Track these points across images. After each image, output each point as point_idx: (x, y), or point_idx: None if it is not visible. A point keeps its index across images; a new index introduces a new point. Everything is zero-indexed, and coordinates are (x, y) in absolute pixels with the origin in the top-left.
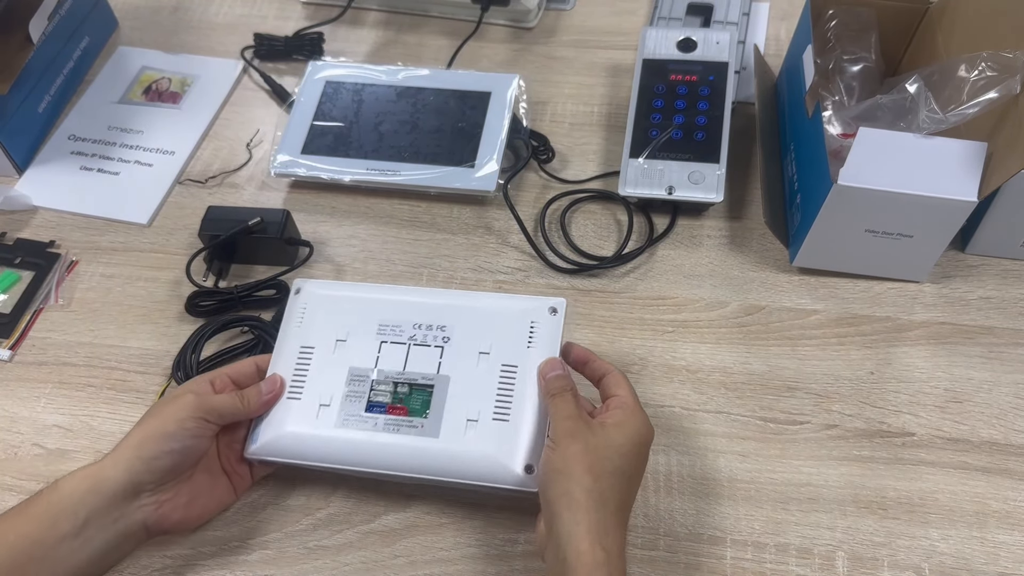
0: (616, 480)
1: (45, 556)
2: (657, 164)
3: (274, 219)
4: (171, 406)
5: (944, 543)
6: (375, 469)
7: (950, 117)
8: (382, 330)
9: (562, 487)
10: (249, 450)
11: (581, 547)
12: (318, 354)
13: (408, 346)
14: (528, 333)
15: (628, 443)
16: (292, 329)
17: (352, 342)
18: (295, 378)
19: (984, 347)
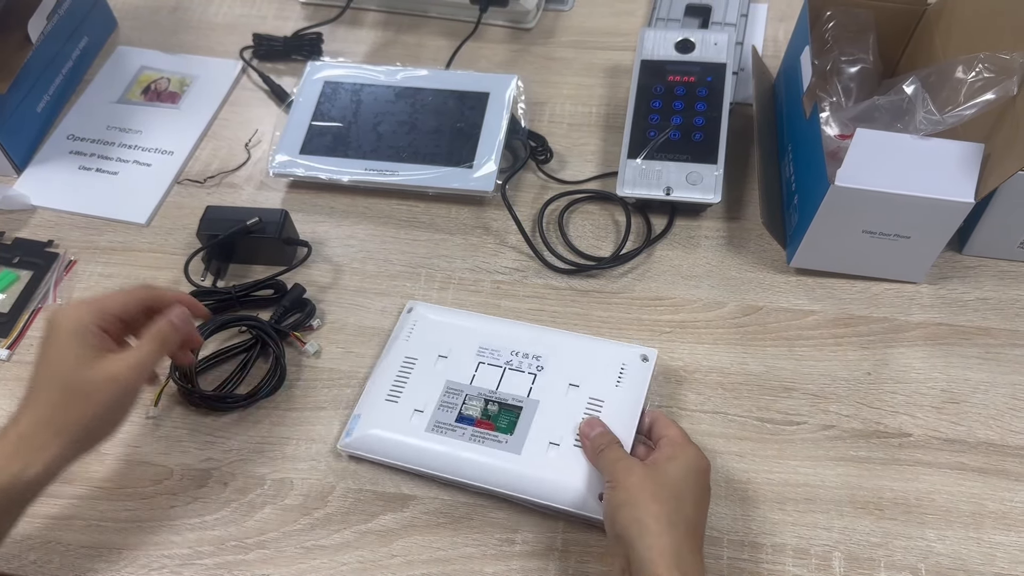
0: (680, 505)
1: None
2: (655, 165)
3: (272, 219)
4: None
5: (941, 543)
6: (456, 477)
7: (947, 118)
8: (481, 352)
9: (630, 516)
10: (343, 442)
11: (658, 571)
12: (420, 365)
13: (504, 369)
14: (618, 374)
15: (683, 472)
16: (399, 342)
17: (452, 359)
18: (395, 384)
19: (981, 348)
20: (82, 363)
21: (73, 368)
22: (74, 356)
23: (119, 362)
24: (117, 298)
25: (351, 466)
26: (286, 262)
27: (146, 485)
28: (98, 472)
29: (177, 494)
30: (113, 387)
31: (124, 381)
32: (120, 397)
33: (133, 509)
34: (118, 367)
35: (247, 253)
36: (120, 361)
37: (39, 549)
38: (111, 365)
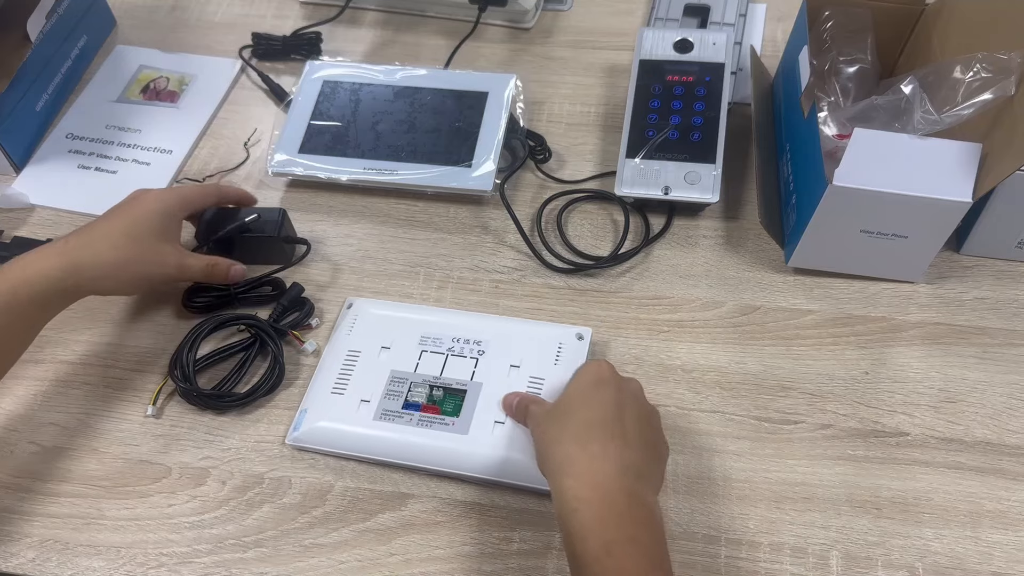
0: (572, 415)
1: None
2: (653, 164)
3: (271, 218)
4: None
5: (938, 543)
6: (407, 461)
7: (945, 118)
8: (423, 341)
9: (541, 457)
10: (291, 436)
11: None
12: (363, 358)
13: (446, 356)
14: (556, 353)
15: (575, 388)
16: (342, 337)
17: (395, 350)
18: (340, 377)
19: (978, 347)
20: (153, 235)
21: (145, 233)
22: (150, 226)
23: (177, 256)
24: (198, 193)
25: (349, 465)
26: (284, 260)
27: (145, 483)
28: (97, 470)
29: (176, 492)
30: (160, 268)
31: (171, 269)
32: (158, 276)
33: (131, 507)
34: (174, 258)
35: (245, 252)
36: (178, 257)
37: (37, 547)
38: (171, 253)
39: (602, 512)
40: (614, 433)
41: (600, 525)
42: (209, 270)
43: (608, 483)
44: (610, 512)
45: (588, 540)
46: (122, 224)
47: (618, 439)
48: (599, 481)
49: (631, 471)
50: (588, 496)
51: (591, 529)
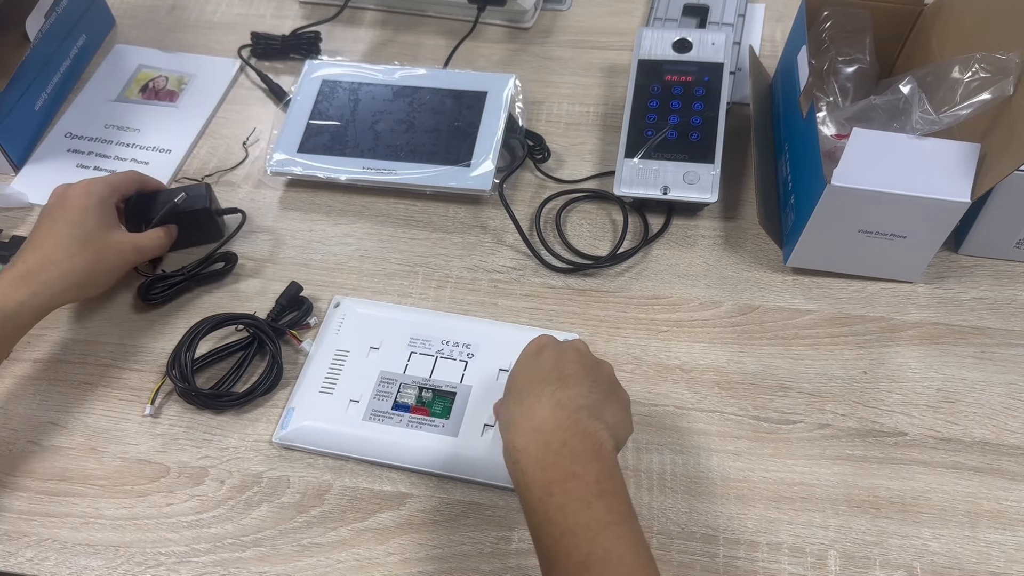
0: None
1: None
2: (652, 164)
3: (198, 193)
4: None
5: (936, 542)
6: (397, 462)
7: (944, 118)
8: (413, 342)
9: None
10: (278, 435)
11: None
12: (352, 358)
13: (435, 358)
14: None
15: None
16: (330, 336)
17: (384, 350)
18: (328, 376)
19: (977, 347)
20: (101, 228)
21: (93, 229)
22: (95, 221)
23: (131, 240)
24: (122, 179)
25: (348, 464)
26: (218, 236)
27: (143, 483)
28: (95, 469)
29: (174, 491)
30: (120, 256)
31: (130, 255)
32: (120, 265)
33: (130, 507)
34: (129, 243)
35: (180, 232)
36: (132, 240)
37: (35, 546)
38: (125, 238)
39: (539, 454)
40: (549, 379)
41: (539, 468)
42: (160, 241)
43: (543, 424)
44: (547, 452)
45: (531, 487)
46: (68, 229)
47: (553, 383)
48: (534, 426)
49: (567, 405)
50: (525, 444)
51: (532, 475)
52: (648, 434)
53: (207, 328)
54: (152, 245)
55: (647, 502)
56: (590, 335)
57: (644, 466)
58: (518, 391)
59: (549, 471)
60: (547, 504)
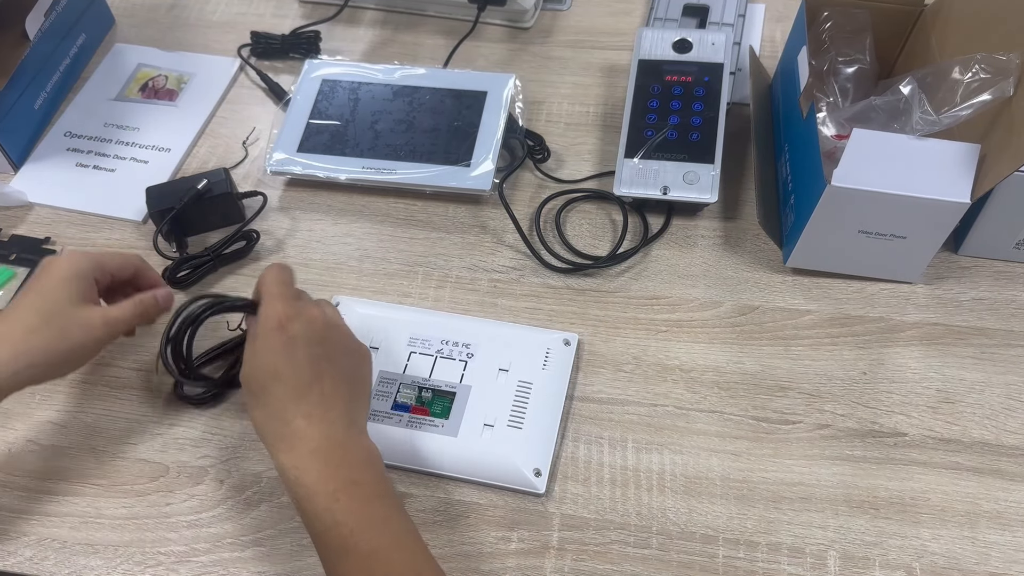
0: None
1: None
2: (652, 164)
3: (218, 178)
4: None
5: (935, 543)
6: (396, 462)
7: (943, 119)
8: (412, 342)
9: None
10: None
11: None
12: None
13: (435, 358)
14: (544, 358)
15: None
16: None
17: (384, 350)
18: None
19: (976, 348)
20: (70, 303)
21: (60, 304)
22: (65, 294)
23: (101, 314)
24: (115, 258)
25: None
26: (239, 218)
27: (142, 482)
28: (94, 469)
29: (173, 491)
30: (88, 332)
31: (99, 331)
32: (89, 343)
33: (129, 506)
34: (99, 317)
35: (201, 220)
36: (102, 313)
37: (34, 546)
38: (93, 314)
39: (320, 468)
40: (313, 399)
41: (322, 480)
42: (139, 310)
43: (320, 445)
44: (327, 466)
45: (315, 498)
46: (34, 301)
47: (318, 405)
48: (312, 448)
49: (339, 423)
50: (305, 464)
51: (315, 488)
52: (647, 434)
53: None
54: (124, 316)
55: (646, 502)
56: (590, 335)
57: (643, 466)
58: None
59: (331, 481)
60: (334, 509)
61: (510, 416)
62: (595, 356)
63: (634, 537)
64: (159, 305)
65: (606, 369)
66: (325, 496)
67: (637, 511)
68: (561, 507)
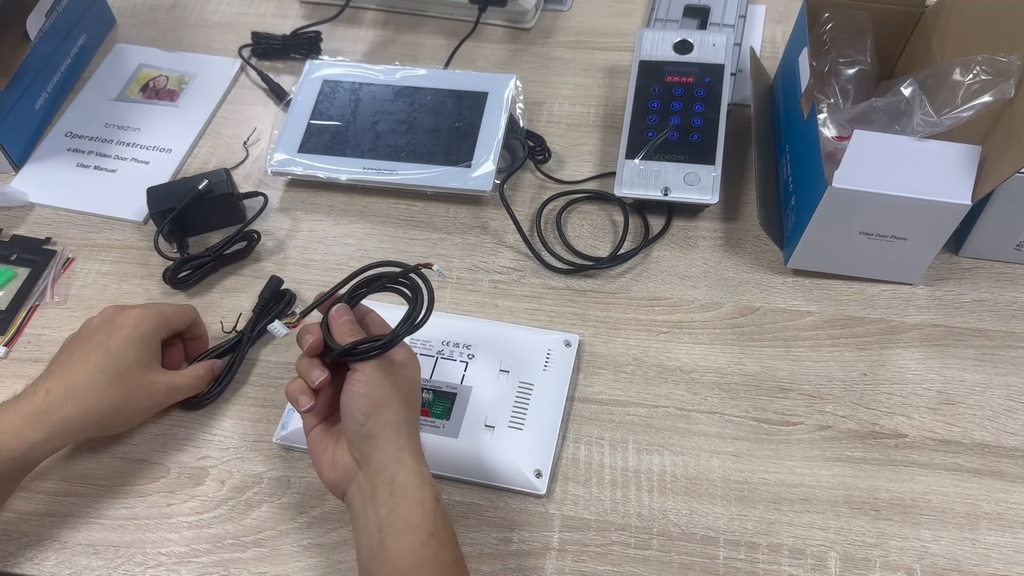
0: (415, 410)
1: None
2: (653, 165)
3: (219, 179)
4: (142, 395)
5: (936, 544)
6: None
7: (944, 120)
8: (413, 343)
9: (385, 418)
10: (279, 435)
11: (409, 467)
12: None
13: (436, 359)
14: (545, 359)
15: (416, 376)
16: None
17: None
18: None
19: (977, 349)
20: (139, 366)
21: (129, 367)
22: (134, 356)
23: (166, 381)
24: (177, 314)
25: None
26: (239, 219)
27: (143, 483)
28: (95, 470)
29: (174, 492)
30: (152, 398)
31: (162, 396)
32: (151, 408)
33: (130, 507)
34: (163, 384)
35: (201, 220)
36: (167, 381)
37: (35, 547)
38: (159, 379)
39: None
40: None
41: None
42: (198, 381)
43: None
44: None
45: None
46: (103, 362)
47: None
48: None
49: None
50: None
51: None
52: (648, 435)
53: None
54: (188, 385)
55: (647, 503)
56: (590, 336)
57: (644, 467)
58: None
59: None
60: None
61: (511, 417)
62: (596, 357)
63: (635, 538)
64: (214, 375)
65: (607, 370)
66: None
67: (638, 512)
68: (562, 508)
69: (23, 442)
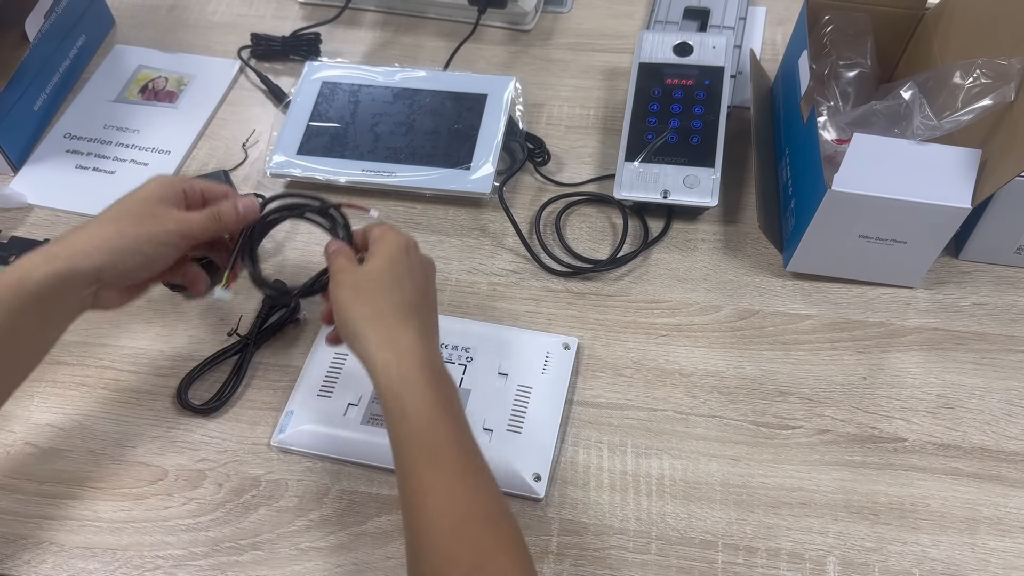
0: (386, 295)
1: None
2: (652, 168)
3: (217, 181)
4: (149, 223)
5: (935, 549)
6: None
7: (944, 124)
8: None
9: (351, 329)
10: (276, 438)
11: (373, 356)
12: (350, 360)
13: None
14: (543, 362)
15: (384, 261)
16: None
17: None
18: (327, 379)
19: (977, 353)
20: (156, 206)
21: (147, 206)
22: (154, 199)
23: (176, 220)
24: (205, 182)
25: (346, 468)
26: None
27: (141, 486)
28: (93, 472)
29: (172, 495)
30: (160, 224)
31: (171, 224)
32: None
33: (128, 509)
34: (173, 222)
35: None
36: (177, 220)
37: (33, 549)
38: (171, 216)
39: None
40: (422, 317)
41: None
42: (215, 217)
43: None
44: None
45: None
46: (119, 202)
47: (424, 324)
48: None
49: (436, 346)
50: (414, 372)
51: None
52: (647, 439)
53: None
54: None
55: (646, 507)
56: (589, 339)
57: (643, 471)
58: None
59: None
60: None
61: (509, 420)
62: (595, 360)
63: (633, 542)
64: (239, 213)
65: (606, 373)
66: (430, 403)
67: (636, 516)
68: (560, 512)
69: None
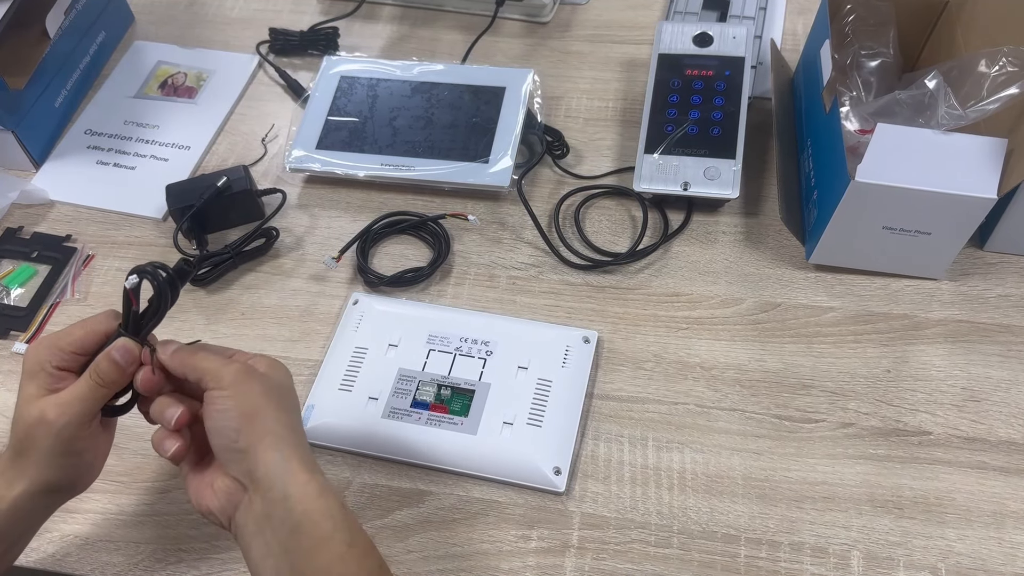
0: (296, 415)
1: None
2: (672, 160)
3: (239, 175)
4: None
5: (961, 543)
6: (416, 460)
7: (969, 113)
8: (431, 340)
9: (261, 428)
10: None
11: (300, 479)
12: (371, 355)
13: (454, 355)
14: (563, 355)
15: (287, 381)
16: (348, 333)
17: (403, 347)
18: (347, 374)
19: (1002, 345)
20: (28, 403)
21: (21, 408)
22: (25, 396)
23: (49, 402)
24: (75, 333)
25: (367, 462)
26: (258, 215)
27: (164, 479)
28: (116, 466)
29: None
30: (44, 428)
31: (52, 421)
32: (52, 439)
33: (151, 503)
34: (46, 407)
35: (221, 217)
36: (50, 401)
37: (57, 543)
38: (43, 405)
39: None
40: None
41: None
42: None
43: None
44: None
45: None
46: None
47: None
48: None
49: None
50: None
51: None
52: (668, 432)
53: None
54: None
55: (667, 501)
56: (609, 332)
57: (664, 465)
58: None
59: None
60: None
61: (529, 414)
62: (615, 353)
63: (655, 536)
64: (117, 364)
65: (626, 367)
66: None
67: (658, 510)
68: (581, 506)
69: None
